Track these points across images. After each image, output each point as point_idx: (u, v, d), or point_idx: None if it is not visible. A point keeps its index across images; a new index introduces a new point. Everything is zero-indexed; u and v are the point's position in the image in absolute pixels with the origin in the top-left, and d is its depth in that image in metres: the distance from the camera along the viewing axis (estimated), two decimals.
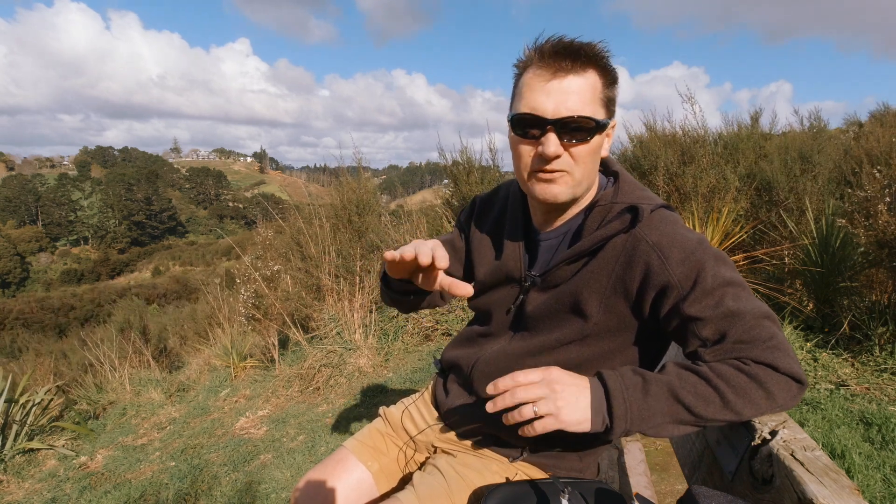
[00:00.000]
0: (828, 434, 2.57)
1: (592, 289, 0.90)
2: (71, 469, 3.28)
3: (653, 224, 0.87)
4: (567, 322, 0.94)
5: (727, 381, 0.75)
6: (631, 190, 0.93)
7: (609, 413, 0.76)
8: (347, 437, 1.21)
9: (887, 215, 3.48)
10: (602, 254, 0.89)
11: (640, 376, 0.79)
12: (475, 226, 1.16)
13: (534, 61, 0.85)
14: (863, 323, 3.53)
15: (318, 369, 4.08)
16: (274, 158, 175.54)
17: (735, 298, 0.79)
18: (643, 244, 0.85)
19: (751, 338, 0.76)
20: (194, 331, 8.86)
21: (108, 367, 5.06)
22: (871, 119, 9.34)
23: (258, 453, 3.06)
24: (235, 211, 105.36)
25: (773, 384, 0.74)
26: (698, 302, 0.80)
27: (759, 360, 0.75)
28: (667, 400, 0.76)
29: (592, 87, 0.84)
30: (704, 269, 0.81)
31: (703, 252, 0.83)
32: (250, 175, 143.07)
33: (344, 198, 5.16)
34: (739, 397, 0.74)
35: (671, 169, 5.42)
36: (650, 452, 2.57)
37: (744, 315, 0.78)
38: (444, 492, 1.00)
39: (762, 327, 0.77)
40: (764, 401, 0.75)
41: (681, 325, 0.82)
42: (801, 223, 4.77)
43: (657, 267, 0.83)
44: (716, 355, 0.78)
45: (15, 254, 69.40)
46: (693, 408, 0.75)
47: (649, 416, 0.76)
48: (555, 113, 0.82)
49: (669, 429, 0.77)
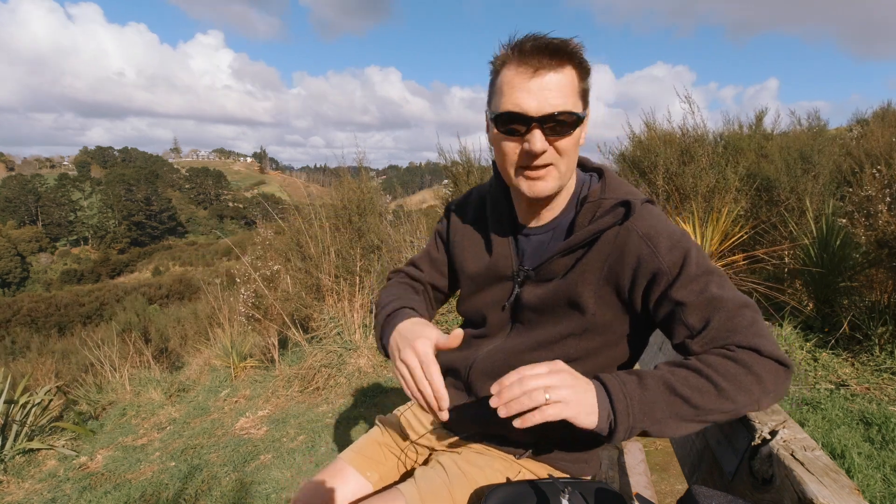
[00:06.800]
0: (828, 434, 2.57)
1: (587, 281, 0.92)
2: (71, 469, 3.28)
3: (641, 217, 0.91)
4: (565, 316, 0.96)
5: (717, 370, 0.76)
6: (618, 186, 0.97)
7: (612, 409, 0.77)
8: (348, 437, 1.21)
9: (887, 215, 3.48)
10: (595, 247, 0.92)
11: (634, 375, 0.80)
12: (454, 232, 1.16)
13: (512, 59, 0.86)
14: (863, 323, 3.53)
15: (318, 369, 4.08)
16: (274, 158, 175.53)
17: (719, 286, 0.83)
18: (634, 236, 0.89)
19: (733, 325, 0.79)
20: (195, 330, 8.87)
21: (108, 368, 5.06)
22: (873, 118, 9.34)
23: (258, 453, 3.06)
24: (235, 211, 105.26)
25: (760, 367, 0.77)
26: (685, 287, 0.83)
27: (743, 345, 0.78)
28: (664, 393, 0.77)
29: (570, 81, 0.86)
30: (690, 256, 0.86)
31: (687, 241, 0.88)
32: (250, 175, 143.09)
33: (344, 198, 5.16)
34: (731, 383, 0.76)
35: (671, 168, 5.42)
36: (650, 452, 2.57)
37: (726, 302, 0.81)
38: (444, 486, 1.00)
39: (743, 315, 0.80)
40: (755, 385, 0.76)
41: (669, 311, 0.85)
42: (802, 223, 4.77)
43: (648, 256, 0.87)
44: (702, 345, 0.81)
45: (15, 254, 69.44)
46: (690, 399, 0.76)
47: (650, 410, 0.76)
48: (538, 110, 0.84)
49: (672, 425, 0.77)
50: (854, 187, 4.18)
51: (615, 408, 0.76)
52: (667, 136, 6.00)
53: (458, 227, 1.16)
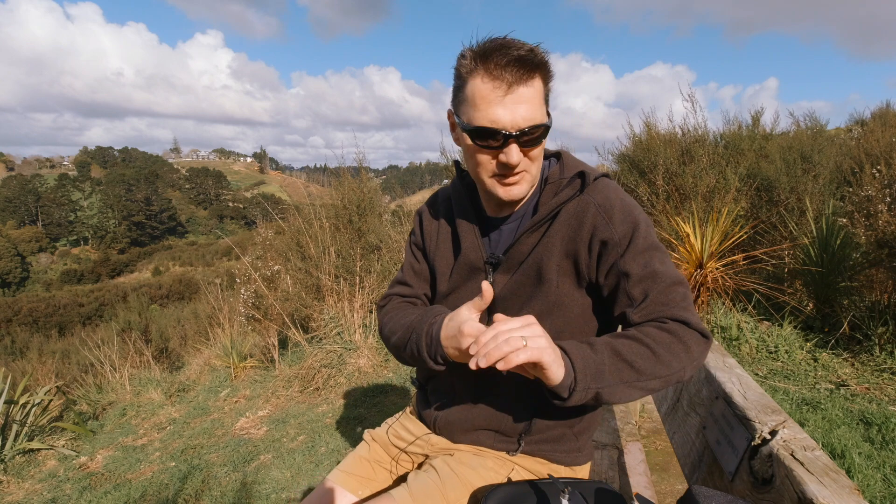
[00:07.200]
0: (828, 434, 2.57)
1: (552, 253, 0.96)
2: (71, 469, 3.28)
3: (597, 189, 0.96)
4: (533, 295, 0.99)
5: (653, 339, 0.85)
6: (575, 164, 1.03)
7: (573, 369, 0.81)
8: (348, 437, 1.20)
9: (887, 215, 3.48)
10: (558, 219, 0.97)
11: (585, 342, 0.87)
12: (428, 237, 1.18)
13: (482, 71, 0.87)
14: (863, 323, 3.53)
15: (318, 369, 4.08)
16: (274, 158, 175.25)
17: (660, 262, 0.91)
18: (591, 207, 0.94)
19: (668, 299, 0.89)
20: (195, 330, 8.87)
21: (108, 368, 5.06)
22: (873, 118, 9.34)
23: (258, 453, 3.06)
24: (235, 211, 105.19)
25: (688, 337, 0.86)
26: (633, 260, 0.91)
27: (675, 318, 0.87)
28: (611, 358, 0.84)
29: (539, 91, 0.90)
30: (639, 230, 0.93)
31: (639, 214, 0.95)
32: (250, 175, 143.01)
33: (344, 198, 5.16)
34: (665, 350, 0.85)
35: (671, 168, 5.42)
36: (650, 452, 2.57)
37: (664, 277, 0.90)
38: (436, 487, 1.00)
39: (676, 291, 0.90)
40: (683, 352, 0.86)
41: (615, 281, 0.92)
42: (802, 223, 4.77)
43: (602, 225, 0.93)
44: (641, 316, 0.89)
45: (15, 254, 69.43)
46: (633, 363, 0.83)
47: (601, 373, 0.82)
48: (514, 125, 0.87)
49: (618, 390, 0.84)
50: (854, 187, 4.18)
51: (575, 367, 0.81)
52: (667, 136, 6.00)
53: (429, 231, 1.18)
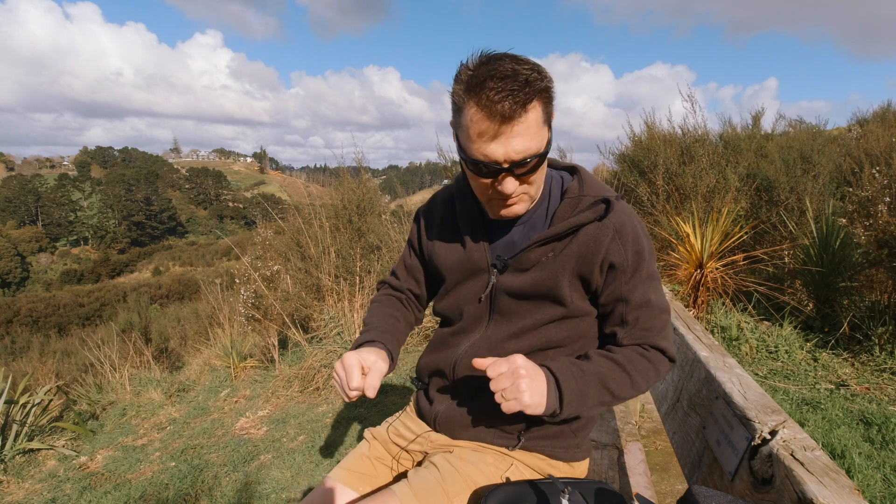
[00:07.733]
0: (828, 434, 2.57)
1: (565, 272, 0.98)
2: (71, 469, 3.28)
3: (616, 213, 0.98)
4: (545, 305, 1.01)
5: (634, 366, 0.96)
6: (594, 183, 1.04)
7: (560, 399, 0.90)
8: (348, 437, 1.21)
9: (887, 215, 3.48)
10: (575, 239, 0.98)
11: (577, 367, 0.94)
12: (426, 235, 1.19)
13: (476, 102, 0.83)
14: (863, 323, 3.53)
15: (318, 369, 4.08)
16: (274, 158, 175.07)
17: (654, 291, 0.99)
18: (609, 231, 0.97)
19: (651, 326, 0.98)
20: (195, 330, 8.87)
21: (108, 368, 5.06)
22: (873, 118, 9.34)
23: (258, 453, 3.06)
24: (235, 211, 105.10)
25: (661, 364, 0.99)
26: (634, 288, 0.97)
27: (655, 346, 0.98)
28: (597, 387, 0.93)
29: (537, 118, 0.85)
30: (644, 259, 0.98)
31: (646, 241, 1.00)
32: (250, 175, 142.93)
33: (344, 198, 5.16)
34: (641, 377, 0.96)
35: (671, 168, 5.42)
36: (650, 452, 2.57)
37: (654, 307, 0.98)
38: (437, 483, 1.01)
39: (661, 318, 0.99)
40: (654, 377, 0.98)
41: (614, 303, 0.99)
42: (802, 223, 4.77)
43: (615, 250, 0.96)
44: (628, 339, 0.99)
45: (15, 254, 69.41)
46: (614, 391, 0.94)
47: (584, 400, 0.92)
48: (507, 159, 0.86)
49: (594, 411, 0.95)
50: (854, 187, 4.18)
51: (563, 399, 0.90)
52: (667, 136, 6.00)
53: (429, 229, 1.18)
